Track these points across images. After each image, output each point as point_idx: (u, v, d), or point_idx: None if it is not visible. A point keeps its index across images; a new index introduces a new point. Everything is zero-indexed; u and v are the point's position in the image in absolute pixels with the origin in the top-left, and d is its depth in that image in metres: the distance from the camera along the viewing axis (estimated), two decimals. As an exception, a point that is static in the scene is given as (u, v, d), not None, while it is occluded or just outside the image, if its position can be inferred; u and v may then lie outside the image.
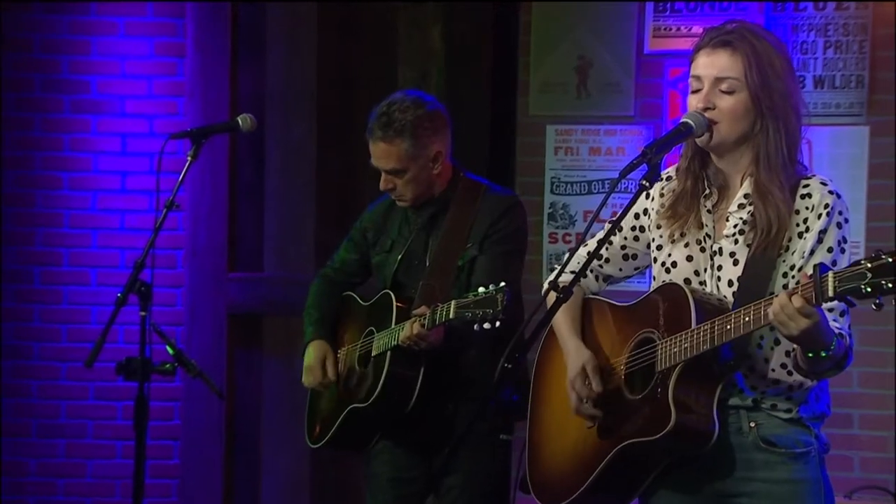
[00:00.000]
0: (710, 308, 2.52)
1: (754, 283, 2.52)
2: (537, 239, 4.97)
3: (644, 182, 2.50)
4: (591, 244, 2.80)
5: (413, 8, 5.10)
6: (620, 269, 2.80)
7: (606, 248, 2.77)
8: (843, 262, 2.51)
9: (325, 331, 3.62)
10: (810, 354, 2.43)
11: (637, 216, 2.75)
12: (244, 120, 3.53)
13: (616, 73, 4.91)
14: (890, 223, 4.64)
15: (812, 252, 2.52)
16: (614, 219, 2.64)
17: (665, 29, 4.86)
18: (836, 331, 2.46)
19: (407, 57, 5.11)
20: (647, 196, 2.73)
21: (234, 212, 5.20)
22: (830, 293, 2.28)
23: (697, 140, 2.57)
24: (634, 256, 2.78)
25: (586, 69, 4.95)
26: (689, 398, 2.49)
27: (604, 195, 3.89)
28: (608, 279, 2.84)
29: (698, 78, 2.58)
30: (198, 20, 5.11)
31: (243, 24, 5.17)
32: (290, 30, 5.21)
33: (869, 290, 2.23)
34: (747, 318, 2.42)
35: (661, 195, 2.70)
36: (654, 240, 2.71)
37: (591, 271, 2.80)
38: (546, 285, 2.72)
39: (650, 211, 2.73)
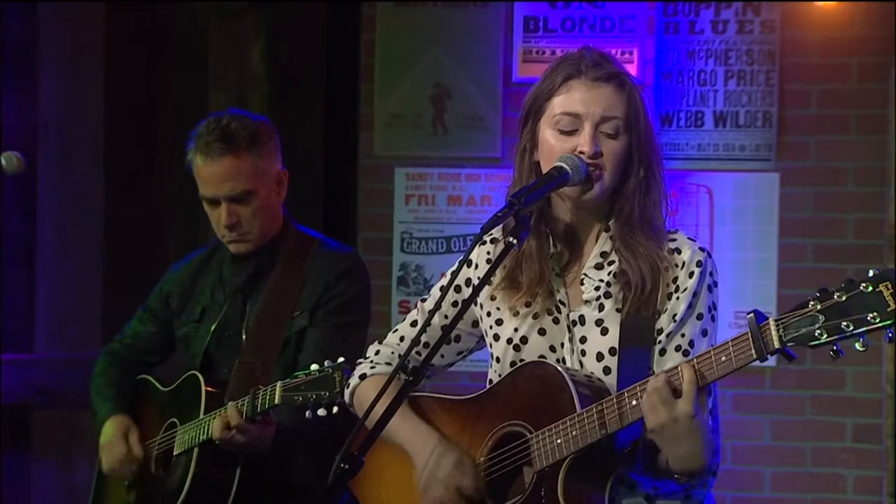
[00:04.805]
0: (586, 387, 2.56)
1: (634, 351, 2.57)
2: (384, 309, 4.98)
3: (510, 239, 2.51)
4: (403, 328, 2.85)
5: (228, 21, 5.11)
6: (442, 356, 2.82)
7: (425, 332, 2.76)
8: (714, 332, 2.58)
9: (125, 407, 3.57)
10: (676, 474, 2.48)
11: (458, 289, 2.78)
12: (8, 159, 3.50)
13: (479, 105, 4.99)
14: (806, 290, 4.79)
15: (683, 318, 2.58)
16: (432, 295, 2.70)
17: (537, 53, 4.97)
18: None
19: (220, 80, 5.10)
20: (469, 264, 2.76)
21: (-2, 276, 5.11)
22: (776, 344, 2.32)
23: (568, 188, 2.61)
24: (458, 339, 2.81)
25: (443, 99, 5.02)
26: (581, 497, 2.52)
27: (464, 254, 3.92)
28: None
29: (576, 115, 2.62)
30: (-52, 31, 5.03)
31: (9, 36, 5.10)
32: (71, 45, 5.17)
33: (825, 335, 2.28)
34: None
35: (488, 262, 2.73)
36: (489, 314, 2.72)
37: (408, 362, 2.78)
38: (356, 380, 2.80)
39: (474, 282, 2.75)
